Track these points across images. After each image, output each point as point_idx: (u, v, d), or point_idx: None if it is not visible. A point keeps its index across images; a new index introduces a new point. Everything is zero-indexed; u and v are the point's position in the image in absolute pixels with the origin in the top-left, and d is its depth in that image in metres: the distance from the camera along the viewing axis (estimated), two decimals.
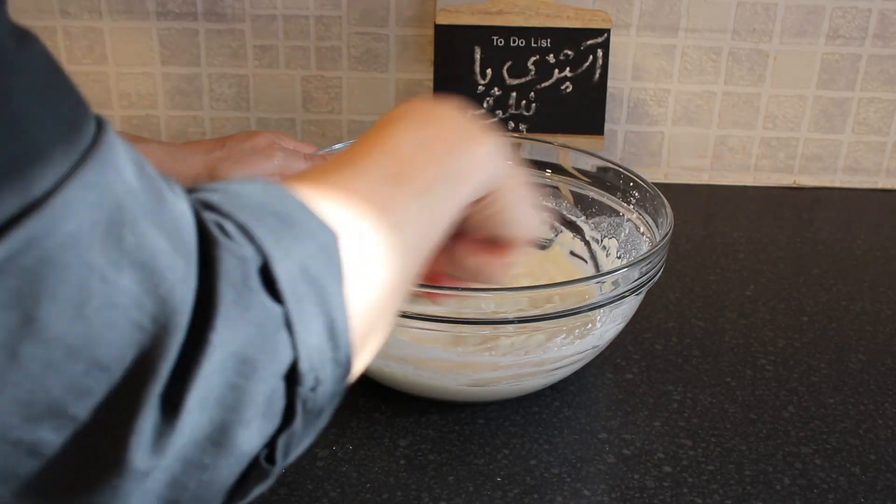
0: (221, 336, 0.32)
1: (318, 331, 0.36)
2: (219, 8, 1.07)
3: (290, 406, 0.36)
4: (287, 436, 0.36)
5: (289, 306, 0.35)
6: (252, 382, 0.34)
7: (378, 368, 0.71)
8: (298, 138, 1.11)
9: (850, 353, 0.82)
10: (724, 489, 0.66)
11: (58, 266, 0.29)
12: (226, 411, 0.33)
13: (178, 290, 0.32)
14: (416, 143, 0.48)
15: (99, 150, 0.31)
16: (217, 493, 0.35)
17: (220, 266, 0.33)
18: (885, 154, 1.14)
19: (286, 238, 0.36)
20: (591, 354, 0.74)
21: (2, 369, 0.29)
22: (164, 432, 0.32)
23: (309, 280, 0.36)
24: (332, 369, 0.37)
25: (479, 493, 0.65)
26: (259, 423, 0.35)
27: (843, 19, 1.07)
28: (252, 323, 0.34)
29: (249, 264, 0.34)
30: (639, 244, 0.81)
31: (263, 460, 0.36)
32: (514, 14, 1.02)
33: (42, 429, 0.30)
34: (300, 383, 0.35)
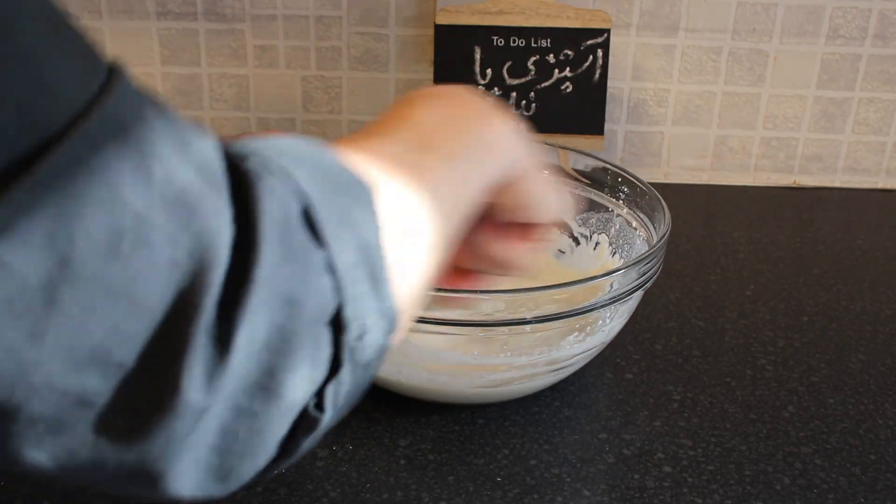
0: (265, 273, 0.32)
1: (363, 279, 0.35)
2: (219, 8, 1.07)
3: (336, 355, 0.35)
4: (335, 385, 0.36)
5: (332, 251, 0.34)
6: (298, 325, 0.33)
7: (390, 375, 0.71)
8: None
9: (850, 353, 0.82)
10: (724, 489, 0.66)
11: (89, 203, 0.29)
12: (273, 354, 0.33)
13: (213, 224, 0.31)
14: (440, 117, 0.47)
15: (116, 88, 0.31)
16: (268, 445, 0.35)
17: (260, 203, 0.32)
18: (885, 154, 1.14)
19: (325, 184, 0.35)
20: (599, 349, 0.74)
21: (41, 314, 0.28)
22: (215, 370, 0.31)
23: (350, 226, 0.35)
24: (377, 320, 0.36)
25: (479, 493, 0.65)
26: (307, 370, 0.34)
27: (843, 19, 1.07)
28: (296, 262, 0.33)
29: (291, 204, 0.34)
30: (631, 239, 0.81)
31: (313, 409, 0.35)
32: (514, 14, 1.02)
33: (88, 376, 0.30)
34: (346, 331, 0.35)
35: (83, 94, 0.30)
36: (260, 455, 0.35)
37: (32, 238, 0.28)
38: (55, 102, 0.29)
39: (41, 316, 0.28)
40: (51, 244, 0.28)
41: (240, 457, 0.34)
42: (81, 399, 0.30)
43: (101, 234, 0.29)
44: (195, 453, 0.33)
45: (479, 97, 0.51)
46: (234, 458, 0.34)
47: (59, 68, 0.29)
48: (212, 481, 0.34)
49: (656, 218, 0.77)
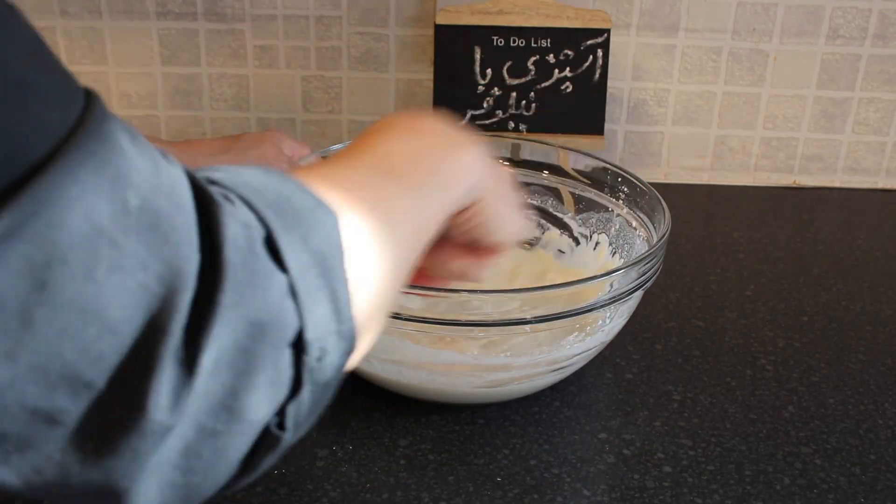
0: (230, 297, 0.33)
1: (323, 302, 0.37)
2: (219, 8, 1.07)
3: (297, 376, 0.36)
4: (296, 405, 0.37)
5: (293, 276, 0.36)
6: (261, 347, 0.34)
7: (390, 375, 0.71)
8: (298, 138, 1.11)
9: (850, 353, 0.82)
10: (724, 489, 0.66)
11: (67, 230, 0.30)
12: (236, 375, 0.34)
13: (182, 251, 0.32)
14: (404, 148, 0.49)
15: (93, 116, 0.31)
16: (230, 463, 0.36)
17: (224, 230, 0.34)
18: (885, 154, 1.14)
19: (288, 213, 0.37)
20: (599, 349, 0.74)
21: (17, 336, 0.29)
22: (181, 391, 0.32)
23: (311, 253, 0.37)
24: (336, 342, 0.38)
25: (479, 493, 0.65)
26: (268, 390, 0.35)
27: (843, 19, 1.07)
28: (259, 287, 0.34)
29: (254, 231, 0.35)
30: (631, 238, 0.82)
31: (275, 427, 0.36)
32: (514, 14, 1.02)
33: (59, 396, 0.30)
34: (307, 352, 0.36)
35: (65, 122, 0.31)
36: (222, 473, 0.36)
37: (11, 263, 0.29)
38: (39, 131, 0.30)
39: (16, 337, 0.29)
40: (29, 269, 0.29)
41: (203, 475, 0.35)
42: (51, 417, 0.31)
43: (78, 260, 0.30)
44: (159, 472, 0.33)
45: (444, 126, 0.54)
46: (198, 477, 0.35)
47: (44, 97, 0.30)
48: (174, 500, 0.35)
49: (656, 218, 0.77)
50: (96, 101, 0.32)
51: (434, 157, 0.50)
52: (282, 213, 0.37)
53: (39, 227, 0.29)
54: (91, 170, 0.30)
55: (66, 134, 0.30)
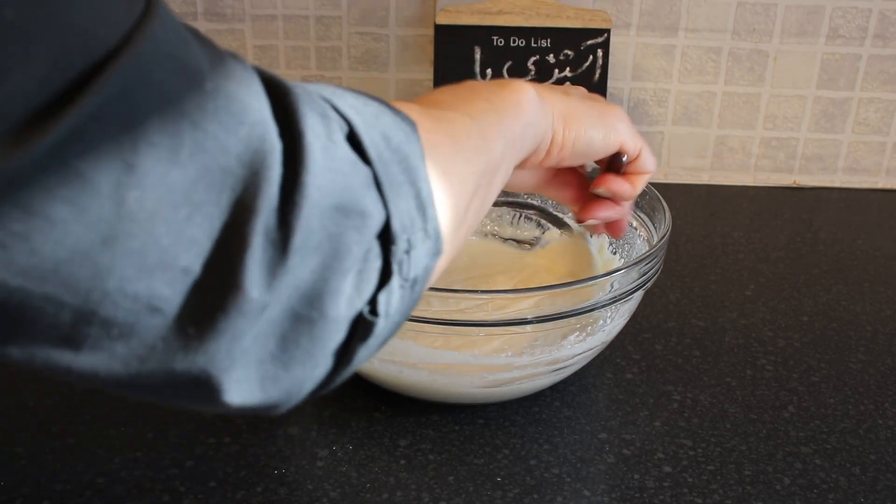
0: (314, 178, 0.34)
1: (407, 197, 0.38)
2: (219, 8, 1.07)
3: (386, 267, 0.37)
4: (386, 294, 0.37)
5: (376, 167, 0.37)
6: (348, 231, 0.35)
7: (390, 375, 0.71)
8: None
9: (850, 353, 0.82)
10: (724, 489, 0.66)
11: (151, 112, 0.30)
12: (326, 258, 0.34)
13: (259, 131, 0.33)
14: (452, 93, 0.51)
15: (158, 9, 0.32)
16: (325, 351, 0.36)
17: (302, 117, 0.34)
18: (885, 154, 1.14)
19: (367, 113, 0.38)
20: (599, 349, 0.74)
21: (112, 219, 0.30)
22: (275, 269, 0.33)
23: (393, 149, 0.38)
24: (422, 238, 0.39)
25: (479, 493, 0.65)
26: (358, 278, 0.36)
27: (843, 19, 1.07)
28: (341, 172, 0.35)
29: (332, 122, 0.36)
30: (631, 239, 0.82)
31: (368, 314, 0.37)
32: (514, 14, 1.02)
33: (157, 281, 0.31)
34: (394, 243, 0.37)
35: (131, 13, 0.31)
36: (319, 362, 0.36)
37: (101, 147, 0.29)
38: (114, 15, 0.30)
39: (112, 221, 0.30)
40: (118, 152, 0.29)
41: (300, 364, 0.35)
42: (152, 304, 0.31)
43: (163, 142, 0.30)
44: (259, 360, 0.34)
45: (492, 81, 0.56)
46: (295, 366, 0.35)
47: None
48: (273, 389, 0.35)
49: (656, 218, 0.77)
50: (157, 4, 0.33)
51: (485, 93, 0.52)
52: (361, 112, 0.38)
53: (123, 110, 0.29)
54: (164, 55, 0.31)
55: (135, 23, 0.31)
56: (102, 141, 0.29)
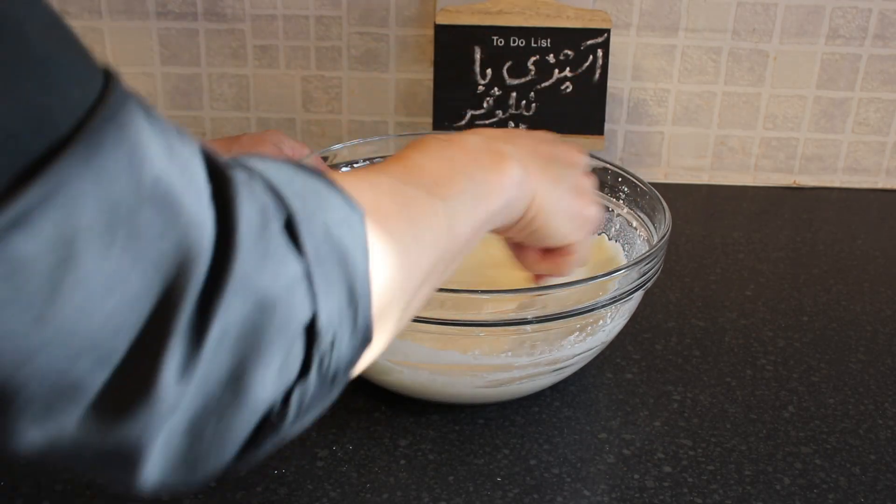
0: (242, 270, 0.34)
1: (339, 292, 0.37)
2: (219, 8, 1.07)
3: (306, 362, 0.37)
4: (301, 390, 0.37)
5: (310, 261, 0.36)
6: (270, 326, 0.35)
7: (390, 375, 0.71)
8: (298, 138, 1.11)
9: (850, 353, 0.82)
10: (724, 489, 0.66)
11: (90, 204, 0.31)
12: (245, 350, 0.35)
13: (196, 223, 0.33)
14: (439, 159, 0.51)
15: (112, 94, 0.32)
16: (233, 441, 0.36)
17: (238, 208, 0.35)
18: (885, 154, 1.14)
19: (312, 202, 0.38)
20: (600, 349, 0.74)
21: (47, 300, 0.30)
22: (189, 363, 0.33)
23: (332, 243, 0.37)
24: (349, 334, 0.38)
25: (479, 493, 0.65)
26: (276, 370, 0.36)
27: (843, 19, 1.07)
28: (271, 266, 0.35)
29: (270, 213, 0.36)
30: (631, 239, 0.82)
31: (277, 414, 0.37)
32: (514, 14, 1.02)
33: (82, 364, 0.32)
34: (318, 339, 0.37)
35: (86, 99, 0.32)
36: (225, 451, 0.36)
37: (43, 230, 0.30)
38: (64, 106, 0.31)
39: (47, 302, 0.30)
40: (56, 240, 0.30)
41: (207, 450, 0.36)
42: (74, 384, 0.32)
43: (101, 228, 0.31)
44: (169, 442, 0.34)
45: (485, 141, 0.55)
46: (202, 450, 0.36)
47: (66, 73, 0.32)
48: (180, 472, 0.36)
49: (656, 218, 0.77)
50: (115, 79, 0.33)
51: (468, 167, 0.51)
52: (306, 201, 0.37)
53: (65, 201, 0.30)
54: (110, 146, 0.31)
55: (88, 110, 0.31)
56: (44, 228, 0.30)
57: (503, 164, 0.53)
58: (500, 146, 0.54)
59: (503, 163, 0.53)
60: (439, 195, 0.48)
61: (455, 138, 0.54)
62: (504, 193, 0.53)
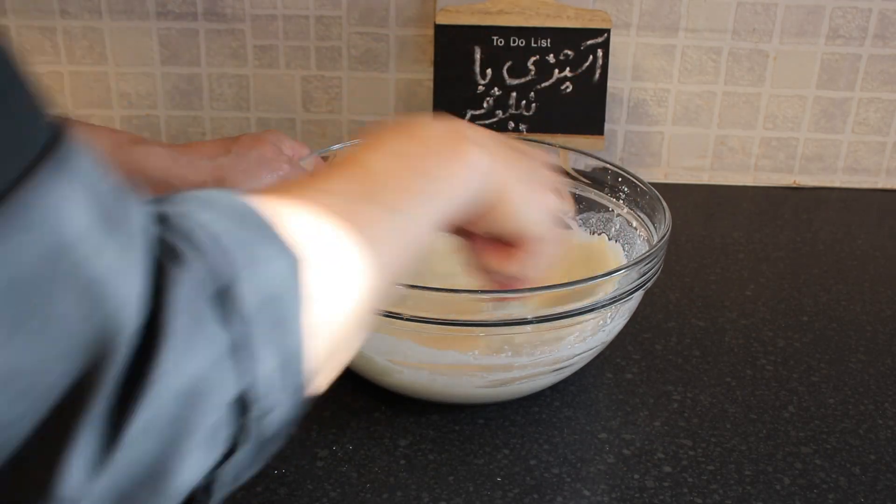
0: (168, 366, 0.31)
1: (271, 358, 0.35)
2: (219, 8, 1.07)
3: (237, 434, 0.35)
4: (233, 464, 0.35)
5: (239, 332, 0.34)
6: (196, 412, 0.33)
7: (391, 376, 0.71)
8: (298, 138, 1.11)
9: (850, 353, 0.82)
10: (724, 489, 0.66)
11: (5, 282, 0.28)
12: (167, 443, 0.32)
13: (124, 312, 0.31)
14: (393, 162, 0.48)
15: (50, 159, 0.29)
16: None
17: (172, 290, 0.32)
18: (885, 154, 1.14)
19: (246, 260, 0.35)
20: (599, 349, 0.74)
21: None
22: (100, 461, 0.30)
23: (267, 305, 0.35)
24: (284, 397, 0.36)
25: (479, 493, 0.65)
26: (201, 454, 0.34)
27: (843, 19, 1.07)
28: (201, 351, 0.32)
29: (203, 288, 0.33)
30: (631, 239, 0.82)
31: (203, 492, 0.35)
32: (514, 14, 1.02)
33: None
34: (247, 411, 0.35)
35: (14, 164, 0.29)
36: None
37: None
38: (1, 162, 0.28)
39: None
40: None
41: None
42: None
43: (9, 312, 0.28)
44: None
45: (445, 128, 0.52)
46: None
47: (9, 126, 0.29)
48: None
49: (656, 218, 0.77)
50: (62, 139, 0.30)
51: (429, 165, 0.49)
52: (236, 263, 0.35)
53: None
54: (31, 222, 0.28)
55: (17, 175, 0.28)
56: None
57: (467, 154, 0.51)
58: (464, 132, 0.52)
59: (468, 152, 0.51)
60: (396, 207, 0.45)
61: (415, 129, 0.51)
62: (468, 185, 0.51)
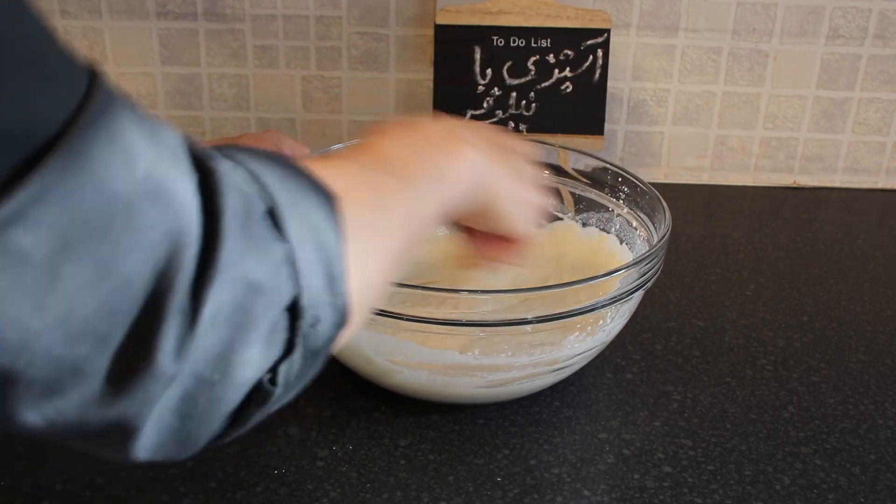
0: (229, 257, 0.36)
1: (319, 274, 0.39)
2: (219, 8, 1.07)
3: (291, 339, 0.39)
4: (288, 365, 0.39)
5: (292, 246, 0.38)
6: (258, 305, 0.37)
7: (390, 376, 0.71)
8: (298, 138, 1.11)
9: (850, 353, 0.82)
10: (724, 489, 0.66)
11: (87, 196, 0.32)
12: (233, 330, 0.36)
13: (186, 211, 0.35)
14: (401, 145, 0.53)
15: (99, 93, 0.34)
16: (222, 412, 0.38)
17: (223, 197, 0.36)
18: (885, 154, 1.14)
19: (291, 189, 0.40)
20: (599, 349, 0.74)
21: (46, 288, 0.32)
22: (184, 341, 0.35)
23: (311, 228, 0.39)
24: (330, 312, 0.40)
25: (479, 493, 0.65)
26: (262, 348, 0.38)
27: (843, 19, 1.07)
28: (257, 250, 0.37)
29: (253, 201, 0.38)
30: (632, 238, 0.82)
31: (267, 383, 0.39)
32: (514, 14, 1.02)
33: (81, 347, 0.33)
34: (301, 317, 0.39)
35: (76, 95, 0.33)
36: (215, 422, 0.38)
37: (41, 222, 0.31)
38: (55, 104, 0.33)
39: (46, 290, 0.32)
40: (57, 231, 0.32)
41: (197, 422, 0.38)
42: (74, 367, 0.34)
43: (97, 222, 0.33)
44: (161, 416, 0.36)
45: (444, 126, 0.57)
46: (193, 423, 0.37)
47: (53, 73, 0.33)
48: (171, 443, 0.38)
49: (656, 218, 0.77)
50: (100, 78, 0.35)
51: (431, 153, 0.54)
52: (285, 189, 0.39)
53: (64, 193, 0.32)
54: (103, 142, 0.33)
55: (76, 108, 0.33)
56: (42, 220, 0.31)
57: (464, 151, 0.55)
58: (459, 133, 0.57)
59: (463, 150, 0.55)
60: (407, 180, 0.50)
61: (417, 125, 0.56)
62: (466, 179, 0.55)
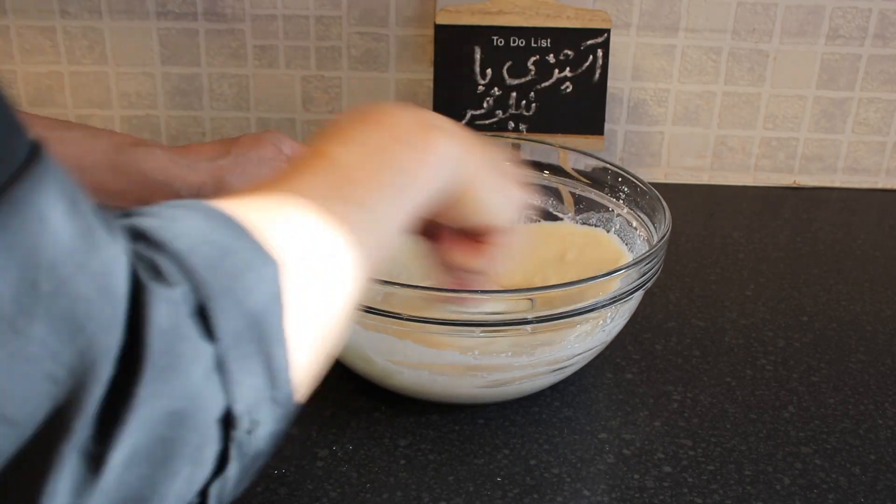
0: (149, 389, 0.31)
1: (255, 371, 0.35)
2: (219, 8, 1.07)
3: (223, 452, 0.34)
4: (221, 483, 0.35)
5: (223, 347, 0.33)
6: (182, 433, 0.32)
7: (390, 376, 0.71)
8: (298, 138, 1.11)
9: (850, 353, 0.82)
10: (724, 489, 0.66)
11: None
12: (154, 466, 0.32)
13: (99, 341, 0.30)
14: (359, 154, 0.46)
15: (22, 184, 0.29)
16: None
17: (149, 313, 0.31)
18: (885, 154, 1.14)
19: (224, 271, 0.34)
20: (599, 349, 0.74)
21: None
22: (84, 490, 0.30)
23: (246, 316, 0.34)
24: (270, 410, 0.36)
25: (479, 493, 0.65)
26: (189, 474, 0.33)
27: (843, 19, 1.07)
28: (182, 372, 0.32)
29: (181, 308, 0.33)
30: (632, 238, 0.82)
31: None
32: (514, 14, 1.02)
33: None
34: (235, 427, 0.34)
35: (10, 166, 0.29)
36: None
37: None
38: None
39: None
40: None
41: None
42: None
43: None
44: None
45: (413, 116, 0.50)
46: None
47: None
48: None
49: (656, 218, 0.77)
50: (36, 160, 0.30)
51: (396, 154, 0.48)
52: (216, 274, 0.34)
53: None
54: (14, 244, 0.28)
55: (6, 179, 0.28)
56: None
57: (436, 144, 0.50)
58: (430, 121, 0.51)
59: (436, 142, 0.50)
60: (365, 203, 0.44)
61: (382, 117, 0.49)
62: (439, 174, 0.50)
